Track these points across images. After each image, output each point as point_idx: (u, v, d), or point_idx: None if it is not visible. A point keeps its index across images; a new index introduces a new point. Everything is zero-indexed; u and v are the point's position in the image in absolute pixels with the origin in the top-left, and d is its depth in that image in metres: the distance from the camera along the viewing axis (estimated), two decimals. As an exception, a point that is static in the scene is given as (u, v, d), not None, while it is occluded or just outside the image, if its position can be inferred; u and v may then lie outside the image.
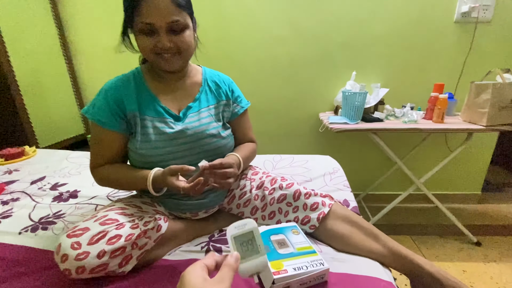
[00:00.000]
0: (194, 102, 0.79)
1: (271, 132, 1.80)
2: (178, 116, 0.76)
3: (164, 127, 0.73)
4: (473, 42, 1.53)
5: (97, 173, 0.75)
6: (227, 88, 0.85)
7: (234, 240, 0.41)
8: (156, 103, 0.75)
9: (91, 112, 0.71)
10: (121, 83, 0.73)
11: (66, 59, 1.73)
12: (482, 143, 1.73)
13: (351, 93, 1.37)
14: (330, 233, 0.73)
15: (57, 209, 0.92)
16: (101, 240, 0.59)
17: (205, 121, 0.77)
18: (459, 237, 1.54)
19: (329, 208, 0.74)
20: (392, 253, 0.68)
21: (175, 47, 0.67)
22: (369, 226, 0.73)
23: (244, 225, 0.42)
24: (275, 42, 1.62)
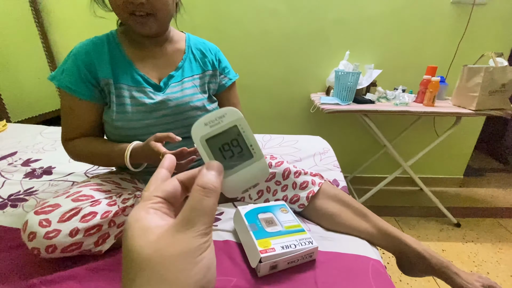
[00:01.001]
0: (177, 71, 0.72)
1: (261, 112, 1.75)
2: (158, 86, 0.70)
3: (143, 97, 0.66)
4: (468, 24, 1.50)
5: (70, 146, 0.68)
6: (214, 57, 0.79)
7: (207, 144, 0.25)
8: (133, 70, 0.68)
9: (59, 78, 0.63)
10: (92, 46, 0.65)
11: (38, 26, 1.57)
12: (468, 128, 1.75)
13: (344, 73, 1.33)
14: (319, 212, 0.72)
15: (29, 186, 0.85)
16: (73, 217, 0.54)
17: (189, 92, 0.71)
18: (440, 218, 1.59)
19: (318, 187, 0.72)
20: (380, 232, 0.68)
21: (149, 4, 0.59)
22: (358, 205, 0.72)
23: (221, 117, 0.25)
24: (267, 15, 1.53)
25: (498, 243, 1.40)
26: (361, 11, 1.51)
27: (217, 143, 0.25)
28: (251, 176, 0.26)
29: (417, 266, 0.65)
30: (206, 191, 0.21)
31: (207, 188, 0.21)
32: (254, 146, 0.26)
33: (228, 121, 0.26)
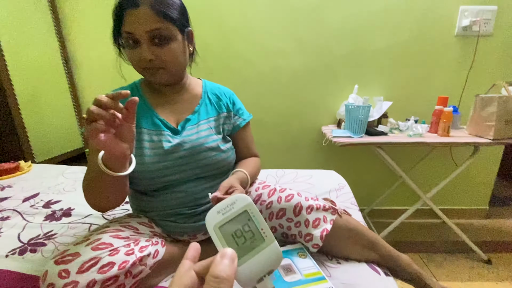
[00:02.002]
0: (193, 115, 0.76)
1: (273, 145, 1.77)
2: (176, 129, 0.73)
3: (161, 141, 0.70)
4: (475, 55, 1.52)
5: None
6: (228, 100, 0.83)
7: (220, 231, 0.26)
8: (153, 116, 0.72)
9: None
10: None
11: (67, 73, 1.71)
12: (487, 157, 1.70)
13: (354, 106, 1.35)
14: (333, 249, 0.72)
15: (49, 229, 0.86)
16: (92, 267, 0.54)
17: (204, 133, 0.74)
18: (468, 254, 1.48)
19: (331, 224, 0.70)
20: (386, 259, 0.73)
21: (158, 60, 0.65)
22: (369, 235, 0.73)
23: (232, 204, 0.27)
24: (276, 55, 1.61)
25: (538, 283, 1.28)
26: (366, 46, 1.57)
27: (230, 229, 0.26)
28: (264, 262, 0.26)
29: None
30: (219, 280, 0.21)
31: (220, 277, 0.21)
32: (265, 229, 0.27)
33: (239, 207, 0.27)
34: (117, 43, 0.70)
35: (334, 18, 1.54)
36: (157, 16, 0.62)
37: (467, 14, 1.48)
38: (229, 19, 1.57)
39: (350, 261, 0.72)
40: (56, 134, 1.64)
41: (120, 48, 0.71)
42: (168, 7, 0.63)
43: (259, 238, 0.26)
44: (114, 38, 0.69)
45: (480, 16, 1.47)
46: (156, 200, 0.72)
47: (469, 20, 1.47)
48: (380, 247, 0.73)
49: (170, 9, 0.64)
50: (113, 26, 0.66)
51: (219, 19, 1.57)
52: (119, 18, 0.64)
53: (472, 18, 1.46)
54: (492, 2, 1.47)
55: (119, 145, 0.52)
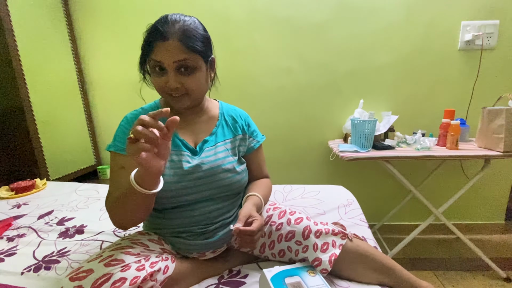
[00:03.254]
0: (211, 136, 0.79)
1: (280, 161, 1.78)
2: (194, 150, 0.76)
3: (181, 161, 0.72)
4: (480, 68, 1.53)
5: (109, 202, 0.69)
6: (244, 122, 0.86)
7: None
8: (174, 136, 0.74)
9: (113, 144, 0.71)
10: (140, 113, 0.75)
11: (82, 93, 1.80)
12: (500, 169, 1.66)
13: (360, 121, 1.36)
14: (343, 273, 0.71)
15: (62, 246, 0.89)
16: (105, 283, 0.55)
17: (221, 155, 0.76)
18: (486, 272, 1.42)
19: (339, 249, 0.69)
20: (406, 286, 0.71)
21: (183, 88, 0.68)
22: (383, 260, 0.71)
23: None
24: (282, 73, 1.66)
25: None
26: (370, 62, 1.61)
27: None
28: None
29: None
30: None
31: None
32: None
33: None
34: (142, 70, 0.74)
35: (338, 36, 1.59)
36: (184, 48, 0.65)
37: (469, 29, 1.50)
38: (236, 40, 1.64)
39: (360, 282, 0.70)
40: (70, 152, 1.70)
41: (145, 74, 0.75)
42: (196, 41, 0.67)
43: None
44: (141, 65, 0.73)
45: (482, 30, 1.49)
46: (169, 218, 0.74)
47: (471, 34, 1.49)
48: (395, 272, 0.71)
49: (197, 42, 0.67)
50: (141, 54, 0.70)
51: (227, 40, 1.64)
52: (148, 48, 0.67)
53: (474, 33, 1.49)
54: (494, 17, 1.49)
55: (157, 162, 0.54)
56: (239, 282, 0.70)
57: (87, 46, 1.76)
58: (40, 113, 1.50)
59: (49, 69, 1.57)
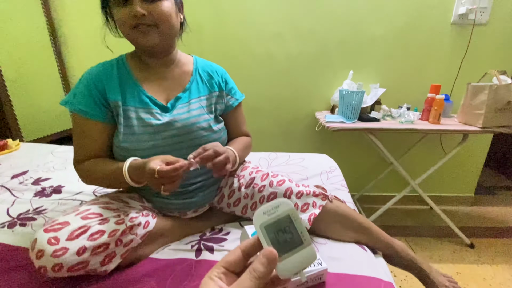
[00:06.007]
0: (184, 93, 0.74)
1: (266, 131, 1.77)
2: (165, 107, 0.71)
3: (150, 119, 0.67)
4: (470, 44, 1.53)
5: (81, 169, 0.69)
6: (220, 79, 0.81)
7: (265, 230, 0.30)
8: (140, 92, 0.69)
9: (72, 102, 0.65)
10: (103, 69, 0.68)
11: (55, 50, 1.66)
12: (476, 146, 1.73)
13: (349, 92, 1.35)
14: (322, 232, 0.74)
15: (38, 205, 0.86)
16: (82, 235, 0.54)
17: (196, 113, 0.73)
18: (452, 239, 1.54)
19: (319, 210, 0.71)
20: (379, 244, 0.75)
21: (150, 16, 0.61)
22: (360, 220, 0.74)
23: (276, 207, 0.31)
24: (271, 39, 1.59)
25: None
26: (363, 33, 1.56)
27: (273, 229, 0.30)
28: (301, 261, 0.30)
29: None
30: (253, 275, 0.25)
31: (254, 274, 0.25)
32: (304, 233, 0.31)
33: (282, 211, 0.31)
34: (105, 10, 0.67)
35: (331, 4, 1.52)
36: None
37: (464, 1, 1.48)
38: (224, 1, 1.53)
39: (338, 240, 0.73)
40: (45, 113, 1.60)
41: (108, 17, 0.68)
42: None
43: (298, 239, 0.30)
44: (102, 3, 0.66)
45: (476, 4, 1.46)
46: None
47: (465, 8, 1.46)
48: (371, 232, 0.74)
49: None
50: None
51: (214, 1, 1.53)
52: None
53: (469, 6, 1.46)
54: (488, -9, 1.46)
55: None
56: (221, 239, 0.71)
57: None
58: (8, 72, 1.38)
59: (16, 24, 1.42)
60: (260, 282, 0.25)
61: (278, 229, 0.30)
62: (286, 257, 0.29)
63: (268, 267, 0.26)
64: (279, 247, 0.29)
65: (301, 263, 0.30)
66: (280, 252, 0.28)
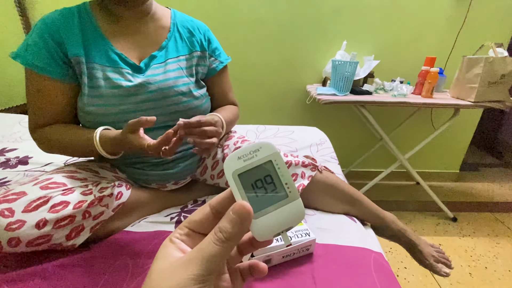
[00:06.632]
0: (160, 51, 0.65)
1: (255, 103, 1.69)
2: (138, 67, 0.62)
3: (119, 79, 0.58)
4: (468, 14, 1.46)
5: (38, 135, 0.60)
6: (203, 37, 0.71)
7: (239, 179, 0.23)
8: (108, 48, 0.59)
9: (23, 56, 0.54)
10: (61, 18, 0.57)
11: (21, 14, 1.48)
12: (465, 122, 1.73)
13: (341, 62, 1.28)
14: (311, 203, 0.70)
15: (2, 176, 0.78)
16: (41, 206, 0.48)
17: (173, 74, 0.64)
18: (437, 213, 1.57)
19: (308, 181, 0.67)
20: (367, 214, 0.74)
21: None
22: (349, 191, 0.72)
23: (255, 151, 0.24)
24: (261, 3, 1.47)
25: (495, 238, 1.38)
26: (358, 1, 1.47)
27: (250, 178, 0.24)
28: (284, 218, 0.24)
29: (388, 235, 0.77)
30: (218, 237, 0.20)
31: (219, 235, 0.20)
32: (289, 184, 0.24)
33: (263, 156, 0.24)
34: None
35: (327, -35, 1.40)
36: None
37: (465, -33, 1.39)
38: (210, -44, 1.38)
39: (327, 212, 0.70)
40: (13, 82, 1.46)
41: None
42: None
43: (281, 192, 0.24)
44: None
45: (477, -29, 1.38)
46: None
47: (466, -26, 1.38)
48: (362, 203, 0.72)
49: None
50: None
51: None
52: None
53: (470, -28, 1.38)
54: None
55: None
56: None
57: None
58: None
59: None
60: (227, 245, 0.20)
61: (257, 178, 0.24)
62: (264, 213, 0.23)
63: (239, 226, 0.20)
64: (257, 201, 0.23)
65: (284, 221, 0.23)
66: (257, 207, 0.23)
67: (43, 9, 1.51)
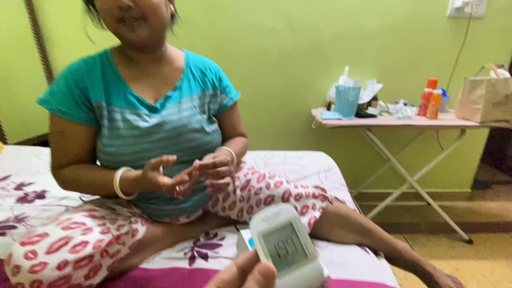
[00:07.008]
0: (174, 91, 0.69)
1: (262, 128, 1.73)
2: (154, 107, 0.65)
3: (137, 120, 0.62)
4: (466, 37, 1.51)
5: (60, 175, 0.63)
6: (214, 76, 0.76)
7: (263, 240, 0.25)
8: (126, 91, 0.64)
9: (49, 101, 0.59)
10: (85, 65, 0.62)
11: (40, 50, 1.58)
12: (472, 141, 1.72)
13: (345, 88, 1.32)
14: (323, 234, 0.70)
15: (20, 212, 0.80)
16: (63, 247, 0.49)
17: (187, 113, 0.67)
18: (450, 235, 1.53)
19: (319, 212, 0.68)
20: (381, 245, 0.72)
21: (138, 8, 0.55)
22: (361, 221, 0.71)
23: (277, 214, 0.27)
24: (265, 34, 1.55)
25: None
26: (358, 27, 1.53)
27: (273, 239, 0.26)
28: (304, 279, 0.25)
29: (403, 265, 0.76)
30: None
31: None
32: (308, 245, 0.26)
33: (284, 218, 0.27)
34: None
35: (326, -3, 1.48)
36: None
37: (459, -6, 1.45)
38: (216, -7, 1.48)
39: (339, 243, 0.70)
40: (30, 115, 1.53)
41: (89, 6, 0.63)
42: None
43: (301, 253, 0.26)
44: None
45: (472, -3, 1.44)
46: None
47: (461, 1, 1.44)
48: (374, 233, 0.72)
49: None
50: None
51: (206, -7, 1.48)
52: None
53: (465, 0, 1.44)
54: (484, -16, 1.44)
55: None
56: (216, 244, 0.67)
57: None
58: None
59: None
60: None
61: (279, 239, 0.26)
62: (286, 273, 0.25)
63: (264, 286, 0.22)
64: (279, 261, 0.25)
65: (304, 281, 0.25)
66: (279, 267, 0.24)
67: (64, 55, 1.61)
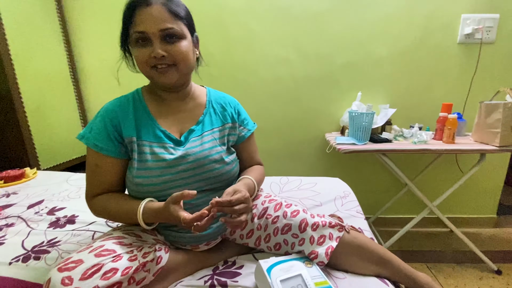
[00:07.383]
0: (197, 125, 0.75)
1: (276, 153, 1.77)
2: (179, 141, 0.72)
3: (164, 153, 0.68)
4: (479, 62, 1.52)
5: (93, 204, 0.70)
6: (233, 110, 0.83)
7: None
8: (155, 126, 0.71)
9: (87, 137, 0.67)
10: (119, 105, 0.71)
11: (73, 80, 1.74)
12: (494, 164, 1.67)
13: (358, 113, 1.35)
14: (340, 265, 0.70)
15: (52, 236, 0.86)
16: (95, 274, 0.53)
17: (208, 145, 0.73)
18: (477, 264, 1.45)
19: (336, 242, 0.69)
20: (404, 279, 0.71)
21: (170, 57, 0.64)
22: (380, 251, 0.71)
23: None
24: (278, 63, 1.63)
25: (551, 295, 1.24)
26: (368, 54, 1.59)
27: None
28: None
29: None
30: None
31: None
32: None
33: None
34: (123, 47, 0.70)
35: (337, 27, 1.56)
36: (169, 15, 0.63)
37: (469, 22, 1.49)
38: (232, 28, 1.60)
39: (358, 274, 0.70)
40: (61, 141, 1.66)
41: (126, 53, 0.71)
42: (179, 7, 0.65)
43: None
44: (122, 41, 0.69)
45: (482, 24, 1.47)
46: None
47: (471, 28, 1.47)
48: (393, 263, 0.71)
49: (180, 8, 0.66)
50: (122, 27, 0.66)
51: (222, 29, 1.60)
52: (129, 18, 0.64)
53: (474, 26, 1.47)
54: (494, 10, 1.48)
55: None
56: (234, 273, 0.69)
57: (79, 32, 1.70)
58: (30, 101, 1.45)
59: (38, 55, 1.51)
60: None
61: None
62: None
63: None
64: None
65: None
66: None
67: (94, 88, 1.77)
